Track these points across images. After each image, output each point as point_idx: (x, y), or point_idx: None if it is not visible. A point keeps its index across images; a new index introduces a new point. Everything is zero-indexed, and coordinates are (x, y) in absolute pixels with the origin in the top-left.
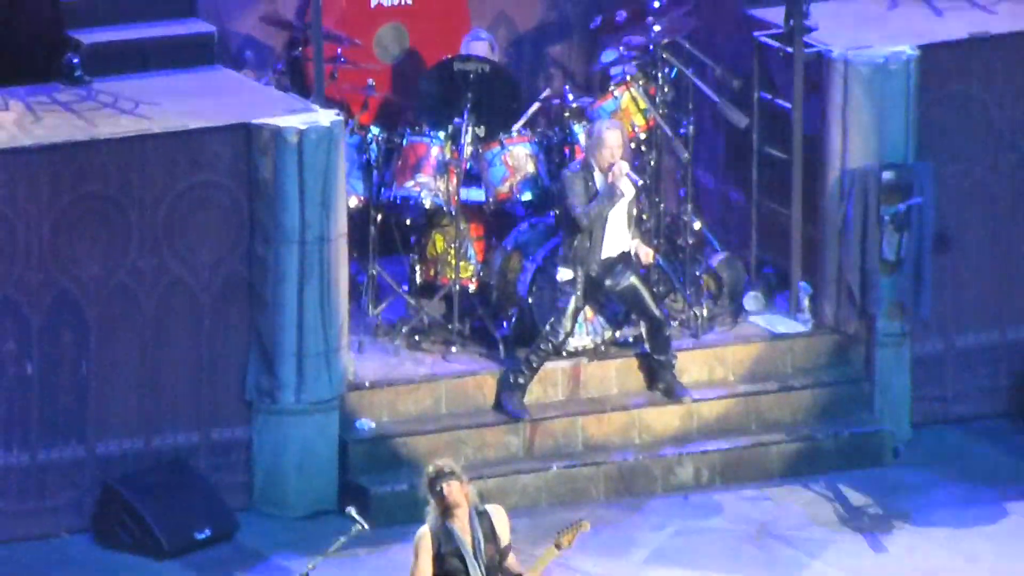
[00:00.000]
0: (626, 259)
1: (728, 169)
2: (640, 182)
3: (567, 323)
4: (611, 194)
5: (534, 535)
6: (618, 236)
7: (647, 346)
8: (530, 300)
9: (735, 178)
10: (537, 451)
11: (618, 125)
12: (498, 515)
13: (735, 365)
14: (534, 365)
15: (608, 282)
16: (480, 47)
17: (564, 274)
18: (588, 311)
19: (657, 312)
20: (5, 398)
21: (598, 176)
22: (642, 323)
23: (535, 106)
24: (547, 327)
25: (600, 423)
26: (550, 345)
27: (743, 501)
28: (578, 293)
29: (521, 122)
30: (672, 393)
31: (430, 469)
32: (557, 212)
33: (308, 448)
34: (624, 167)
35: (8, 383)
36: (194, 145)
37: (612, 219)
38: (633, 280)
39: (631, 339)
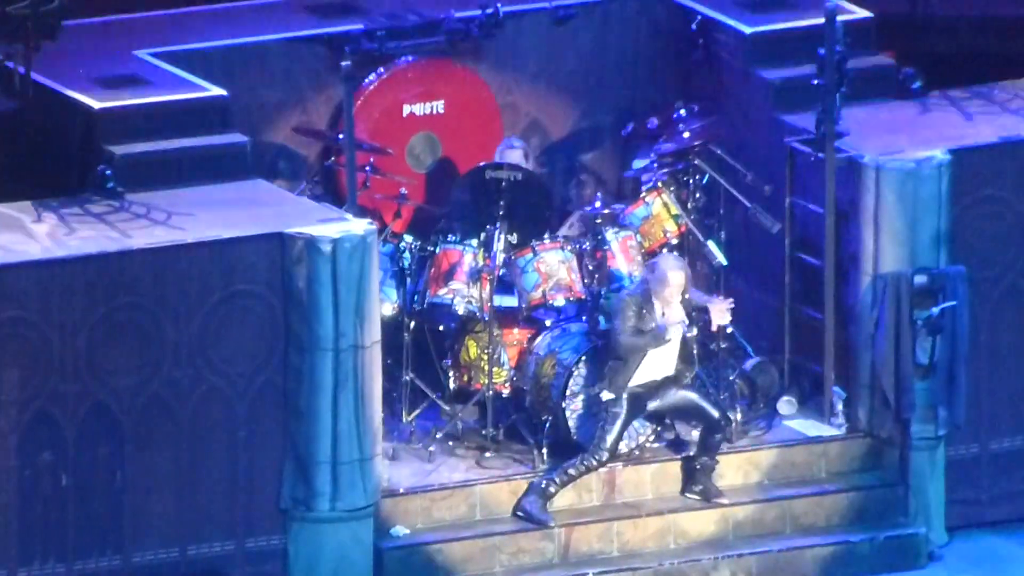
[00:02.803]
0: (670, 381)
1: (761, 274)
2: (690, 334)
3: (611, 442)
4: (658, 337)
5: None
6: (662, 364)
7: (695, 449)
8: (564, 404)
9: (768, 283)
10: (572, 557)
11: (682, 265)
12: None
13: (769, 469)
14: (573, 475)
15: (654, 403)
16: (514, 155)
17: (607, 395)
18: None
19: (717, 413)
20: (41, 509)
21: (657, 305)
22: (703, 425)
23: (574, 216)
24: (592, 445)
25: (636, 528)
26: (593, 462)
27: None
28: (623, 415)
29: (564, 229)
30: (708, 496)
31: None
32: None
33: (343, 556)
34: (679, 316)
35: (44, 494)
36: (228, 255)
37: (656, 354)
38: (683, 393)
39: (665, 443)
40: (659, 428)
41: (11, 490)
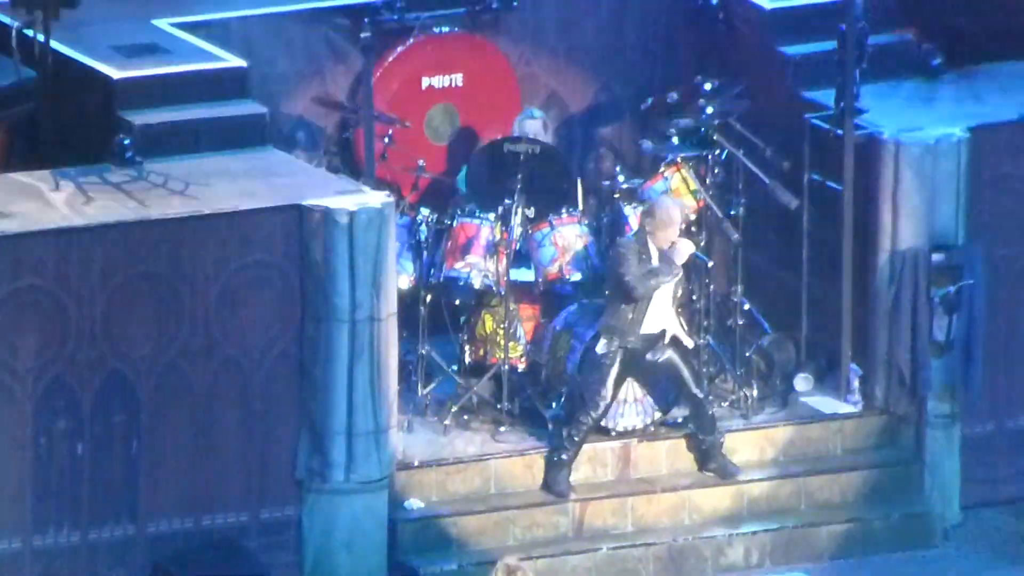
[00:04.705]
0: (664, 335)
1: (778, 250)
2: (711, 263)
3: (606, 393)
4: (670, 269)
5: None
6: (662, 313)
7: (692, 427)
8: (579, 379)
9: (785, 259)
10: (587, 532)
11: (679, 203)
12: None
13: (785, 446)
14: (576, 439)
15: (648, 356)
16: (533, 126)
17: (603, 345)
18: (637, 391)
19: (697, 392)
20: (56, 477)
21: (653, 250)
22: (685, 403)
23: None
24: (588, 399)
25: (650, 504)
26: (590, 418)
27: None
28: (615, 366)
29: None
30: (724, 473)
31: (502, 573)
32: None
33: (357, 527)
34: (688, 247)
35: (59, 462)
36: (245, 226)
37: (658, 295)
38: (672, 357)
39: (680, 419)
40: (674, 403)
41: (26, 458)
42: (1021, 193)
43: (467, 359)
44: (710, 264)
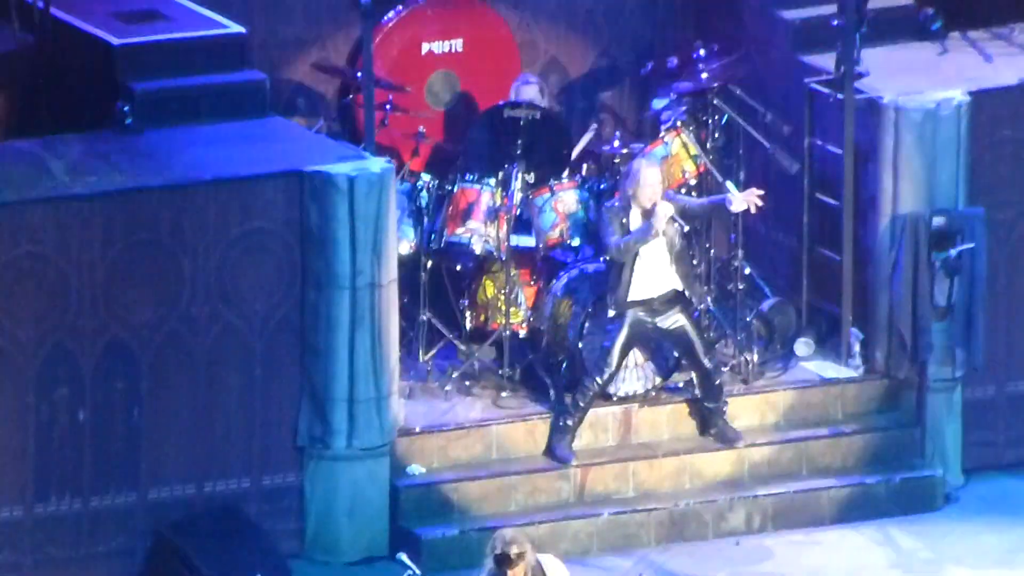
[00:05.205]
0: (674, 300)
1: (779, 215)
2: (686, 228)
3: (612, 360)
4: (645, 231)
5: None
6: (659, 277)
7: (698, 392)
8: (580, 345)
9: (786, 224)
10: (588, 497)
11: (656, 162)
12: (553, 569)
13: (786, 410)
14: (581, 404)
15: (658, 321)
16: (530, 91)
17: (611, 312)
18: (639, 356)
19: (707, 362)
20: (57, 445)
21: (634, 214)
22: (692, 371)
23: (587, 136)
24: (594, 365)
25: (651, 469)
26: (595, 383)
27: (794, 546)
28: (623, 331)
29: (578, 146)
30: (724, 438)
31: (498, 546)
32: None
33: (359, 494)
34: (667, 209)
35: (60, 429)
36: (246, 192)
37: (648, 259)
38: (684, 324)
39: (682, 384)
40: (674, 368)
41: (28, 426)
42: (1021, 157)
43: (468, 325)
44: (685, 229)
